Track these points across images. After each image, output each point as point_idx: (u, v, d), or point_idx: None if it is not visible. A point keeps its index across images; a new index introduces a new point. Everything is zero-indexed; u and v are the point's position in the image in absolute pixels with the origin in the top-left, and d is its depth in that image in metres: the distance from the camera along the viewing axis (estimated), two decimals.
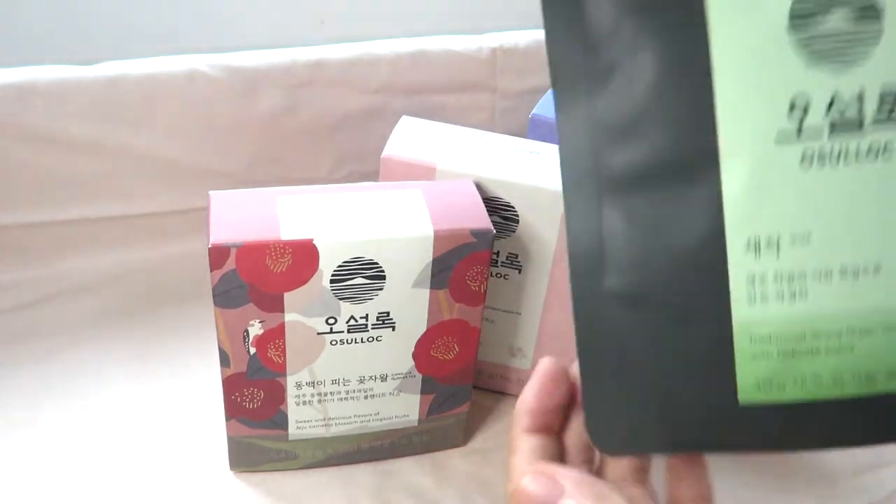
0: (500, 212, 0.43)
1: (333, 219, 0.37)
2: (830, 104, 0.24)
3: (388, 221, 0.37)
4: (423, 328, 0.40)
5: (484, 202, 0.40)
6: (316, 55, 0.58)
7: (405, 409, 0.43)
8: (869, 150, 0.24)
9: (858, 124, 0.24)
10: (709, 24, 0.25)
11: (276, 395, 0.40)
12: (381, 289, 0.38)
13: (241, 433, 0.41)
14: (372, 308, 0.38)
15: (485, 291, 0.40)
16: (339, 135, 0.61)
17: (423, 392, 0.42)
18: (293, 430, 0.42)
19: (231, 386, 0.39)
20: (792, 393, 0.25)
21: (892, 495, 0.44)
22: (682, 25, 0.25)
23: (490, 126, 0.65)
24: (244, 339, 0.38)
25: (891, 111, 0.24)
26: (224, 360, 0.38)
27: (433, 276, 0.38)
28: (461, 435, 0.46)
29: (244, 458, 0.43)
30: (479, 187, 0.41)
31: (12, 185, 0.53)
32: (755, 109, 0.25)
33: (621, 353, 0.27)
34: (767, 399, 0.26)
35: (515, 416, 0.30)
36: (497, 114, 0.66)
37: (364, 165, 0.63)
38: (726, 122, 0.25)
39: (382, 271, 0.37)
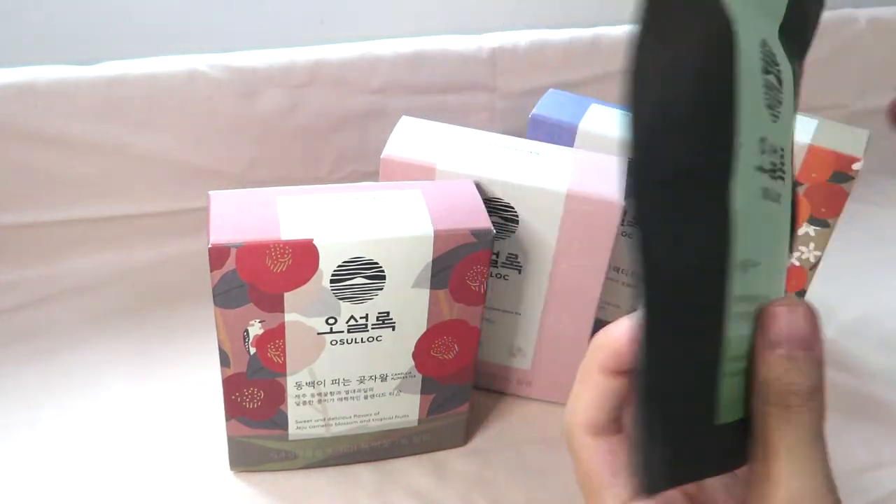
0: (500, 212, 0.43)
1: (333, 219, 0.37)
2: (774, 151, 0.26)
3: (388, 221, 0.37)
4: (423, 328, 0.40)
5: (484, 202, 0.40)
6: (316, 55, 0.58)
7: (405, 409, 0.43)
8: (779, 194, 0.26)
9: (781, 171, 0.26)
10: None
11: (276, 395, 0.40)
12: (381, 289, 0.38)
13: (241, 433, 0.41)
14: (372, 308, 0.38)
15: (485, 291, 0.40)
16: (339, 135, 0.61)
17: (423, 392, 0.42)
18: (293, 430, 0.42)
19: (231, 386, 0.39)
20: (740, 412, 0.25)
21: (893, 495, 0.44)
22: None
23: (490, 126, 0.65)
24: (244, 339, 0.38)
25: (781, 166, 0.26)
26: (224, 360, 0.38)
27: (433, 276, 0.38)
28: (461, 435, 0.46)
29: (244, 457, 0.43)
30: (479, 187, 0.41)
31: (12, 185, 0.53)
32: (751, 135, 0.25)
33: None
34: (730, 419, 0.25)
35: (596, 350, 0.27)
36: (497, 114, 0.65)
37: (364, 165, 0.63)
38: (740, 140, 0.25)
39: (382, 271, 0.37)
